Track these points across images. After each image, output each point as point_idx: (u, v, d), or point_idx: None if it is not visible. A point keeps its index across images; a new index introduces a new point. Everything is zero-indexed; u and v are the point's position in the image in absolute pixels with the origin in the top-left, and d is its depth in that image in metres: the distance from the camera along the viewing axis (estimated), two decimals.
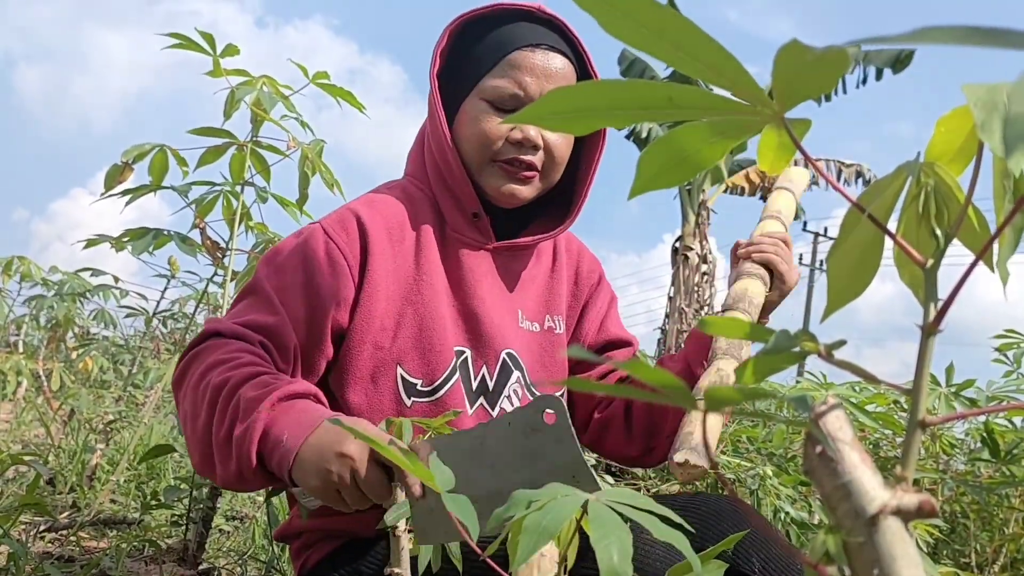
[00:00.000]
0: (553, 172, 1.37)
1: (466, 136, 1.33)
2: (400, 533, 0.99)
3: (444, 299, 1.32)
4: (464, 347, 1.32)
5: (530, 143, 1.31)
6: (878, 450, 2.36)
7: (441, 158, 1.35)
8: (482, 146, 1.32)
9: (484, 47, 1.33)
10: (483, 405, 1.33)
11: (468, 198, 1.35)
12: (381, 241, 1.28)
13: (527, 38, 1.32)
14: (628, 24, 0.41)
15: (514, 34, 1.32)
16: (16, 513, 1.65)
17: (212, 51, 2.04)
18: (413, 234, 1.33)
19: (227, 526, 2.54)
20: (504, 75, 1.31)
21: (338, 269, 1.25)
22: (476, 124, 1.32)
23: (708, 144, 0.48)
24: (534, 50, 1.31)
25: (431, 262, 1.32)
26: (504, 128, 1.31)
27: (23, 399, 4.19)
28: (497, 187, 1.33)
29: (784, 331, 0.46)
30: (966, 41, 0.33)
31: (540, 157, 1.33)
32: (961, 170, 0.53)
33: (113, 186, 2.12)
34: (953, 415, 0.45)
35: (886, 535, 0.38)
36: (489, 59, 1.32)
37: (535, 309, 1.43)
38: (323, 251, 1.25)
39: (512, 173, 1.33)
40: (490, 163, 1.33)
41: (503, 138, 1.31)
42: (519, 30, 1.33)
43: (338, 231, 1.27)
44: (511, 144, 1.32)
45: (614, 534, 0.59)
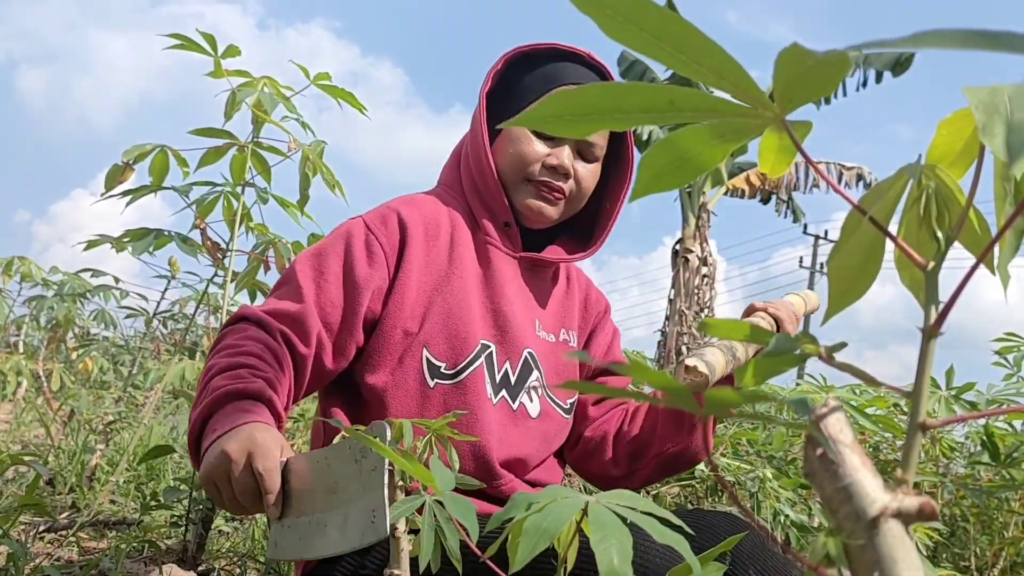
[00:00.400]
0: (578, 200, 1.48)
1: (505, 154, 1.44)
2: (400, 534, 0.99)
3: (474, 293, 1.40)
4: (490, 341, 1.39)
5: (563, 170, 1.43)
6: (878, 453, 2.36)
7: (478, 170, 1.45)
8: (519, 166, 1.43)
9: (534, 77, 1.46)
10: (505, 397, 1.40)
11: (501, 208, 1.45)
12: (418, 236, 1.37)
13: (573, 76, 1.44)
14: (628, 28, 0.41)
15: (564, 72, 1.45)
16: (16, 513, 1.65)
17: (213, 52, 2.04)
18: (448, 232, 1.41)
19: (227, 527, 2.54)
20: None
21: (376, 260, 1.34)
22: (517, 145, 1.43)
23: (709, 146, 0.48)
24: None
25: (464, 259, 1.40)
26: (542, 151, 1.43)
27: (23, 399, 4.19)
28: (527, 203, 1.44)
29: (784, 334, 0.46)
30: (966, 45, 0.33)
31: (570, 186, 1.45)
32: (962, 173, 0.53)
33: (113, 186, 2.12)
34: (953, 418, 0.45)
35: (887, 538, 0.38)
36: (537, 89, 1.44)
37: (551, 322, 1.51)
38: (363, 242, 1.34)
39: (543, 194, 1.43)
40: (523, 181, 1.44)
41: (540, 162, 1.43)
42: (569, 69, 1.46)
43: (379, 225, 1.37)
44: (546, 168, 1.43)
45: (614, 536, 0.59)
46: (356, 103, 2.15)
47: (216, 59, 2.05)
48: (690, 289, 12.36)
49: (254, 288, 2.32)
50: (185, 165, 2.15)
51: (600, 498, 0.65)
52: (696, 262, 12.47)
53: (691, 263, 12.47)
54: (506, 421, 1.38)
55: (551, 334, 1.49)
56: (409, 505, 0.88)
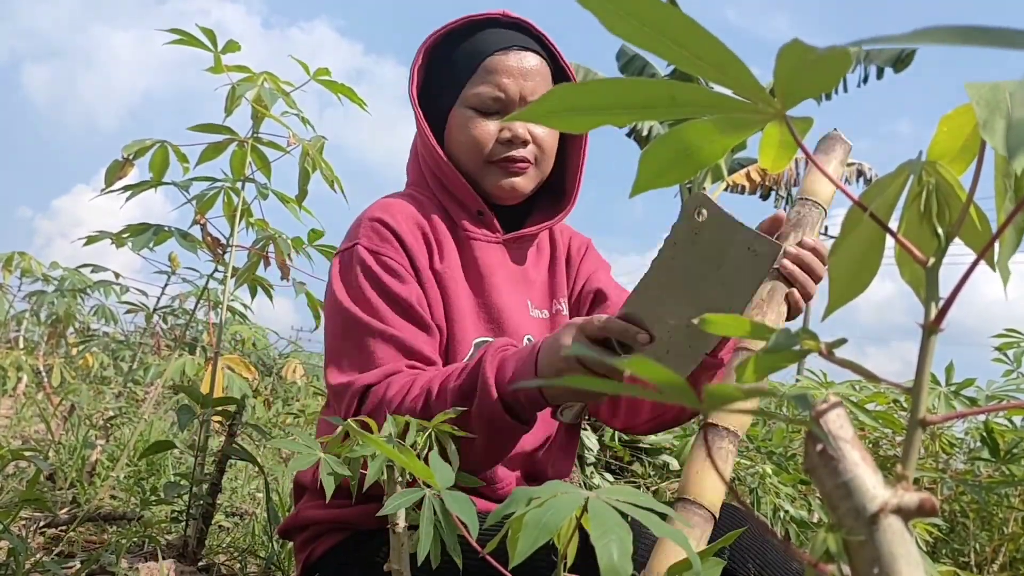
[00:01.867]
0: (544, 162, 1.43)
1: (458, 144, 1.41)
2: (399, 530, 0.99)
3: (463, 292, 1.37)
4: (488, 337, 1.37)
5: (519, 139, 1.38)
6: (878, 449, 2.36)
7: (436, 168, 1.42)
8: (475, 150, 1.39)
9: (459, 58, 1.41)
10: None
11: (470, 198, 1.41)
12: (411, 239, 1.34)
13: (498, 42, 1.40)
14: (630, 23, 0.41)
15: (485, 41, 1.40)
16: (16, 509, 1.65)
17: (213, 47, 2.04)
18: (430, 233, 1.38)
19: (227, 522, 2.55)
20: (483, 81, 1.38)
21: (402, 275, 1.31)
22: (465, 131, 1.39)
23: (709, 142, 0.48)
24: (507, 52, 1.39)
25: (450, 259, 1.38)
26: (492, 129, 1.38)
27: (23, 395, 4.19)
28: (497, 184, 1.40)
29: (785, 329, 0.46)
30: (967, 41, 0.33)
31: (531, 150, 1.40)
32: (963, 169, 0.53)
33: (113, 182, 2.11)
34: (953, 414, 0.45)
35: (886, 534, 0.39)
36: (466, 68, 1.40)
37: (542, 298, 1.49)
38: (384, 270, 1.31)
39: (508, 168, 1.39)
40: (486, 164, 1.40)
41: (493, 139, 1.38)
42: (489, 36, 1.41)
43: (379, 244, 1.33)
44: (501, 144, 1.39)
45: (614, 532, 0.59)
46: (356, 98, 2.15)
47: (216, 54, 2.05)
48: None
49: (254, 284, 2.32)
50: (185, 161, 2.15)
51: (600, 494, 0.65)
52: None
53: None
54: None
55: (544, 310, 1.47)
56: (408, 497, 0.88)
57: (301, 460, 1.01)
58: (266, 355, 7.52)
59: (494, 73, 1.37)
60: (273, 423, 4.73)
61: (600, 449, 2.94)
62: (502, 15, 1.42)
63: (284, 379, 5.93)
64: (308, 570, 1.35)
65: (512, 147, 1.38)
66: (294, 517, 1.39)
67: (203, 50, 2.04)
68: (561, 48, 1.46)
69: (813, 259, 1.13)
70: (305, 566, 1.36)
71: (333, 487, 0.99)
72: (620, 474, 2.92)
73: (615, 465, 2.96)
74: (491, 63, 1.38)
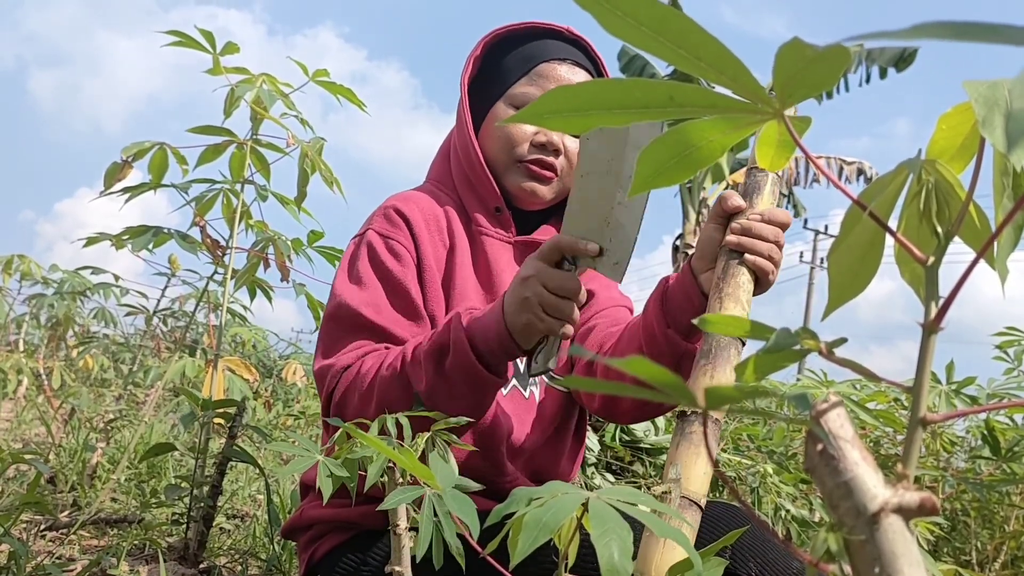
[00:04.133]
0: (570, 177, 1.44)
1: (492, 138, 1.43)
2: (401, 531, 0.99)
3: (473, 288, 1.39)
4: None
5: (552, 147, 1.40)
6: (879, 448, 2.36)
7: (465, 157, 1.44)
8: (507, 146, 1.41)
9: (515, 58, 1.44)
10: (516, 387, 1.41)
11: (490, 194, 1.43)
12: (422, 230, 1.37)
13: (555, 52, 1.43)
14: (628, 24, 0.41)
15: (544, 48, 1.44)
16: (17, 512, 1.65)
17: (212, 49, 2.04)
18: (445, 226, 1.41)
19: (228, 524, 2.55)
20: (532, 83, 1.42)
21: (405, 260, 1.34)
22: (503, 127, 1.41)
23: (708, 141, 0.48)
24: (561, 63, 1.43)
25: (462, 252, 1.40)
26: (529, 131, 1.41)
27: (24, 398, 4.19)
28: (519, 185, 1.42)
29: (785, 329, 0.46)
30: (965, 37, 0.33)
31: (562, 162, 1.42)
32: (962, 167, 0.53)
33: (112, 184, 2.11)
34: (954, 413, 0.45)
35: (887, 533, 0.38)
36: (519, 69, 1.43)
37: None
38: (387, 251, 1.34)
39: (534, 173, 1.41)
40: (514, 163, 1.42)
41: (528, 141, 1.41)
42: (549, 45, 1.44)
43: (389, 228, 1.36)
44: (535, 147, 1.41)
45: (615, 531, 0.59)
46: (354, 99, 2.15)
47: (214, 56, 2.05)
48: None
49: (254, 285, 2.32)
50: (184, 163, 2.15)
51: (600, 494, 0.65)
52: None
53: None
54: (519, 411, 1.39)
55: None
56: (408, 494, 0.88)
57: (300, 463, 1.01)
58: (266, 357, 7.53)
59: (544, 78, 1.41)
60: (274, 425, 4.74)
61: (601, 449, 2.94)
62: (566, 30, 1.46)
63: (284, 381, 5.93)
64: (311, 570, 1.36)
65: (544, 152, 1.40)
66: (298, 516, 1.40)
67: (203, 52, 2.04)
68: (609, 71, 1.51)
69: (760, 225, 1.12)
70: (308, 566, 1.36)
71: (331, 490, 0.99)
72: (621, 474, 2.92)
73: (616, 465, 2.96)
74: (544, 69, 1.41)
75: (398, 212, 1.37)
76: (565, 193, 1.46)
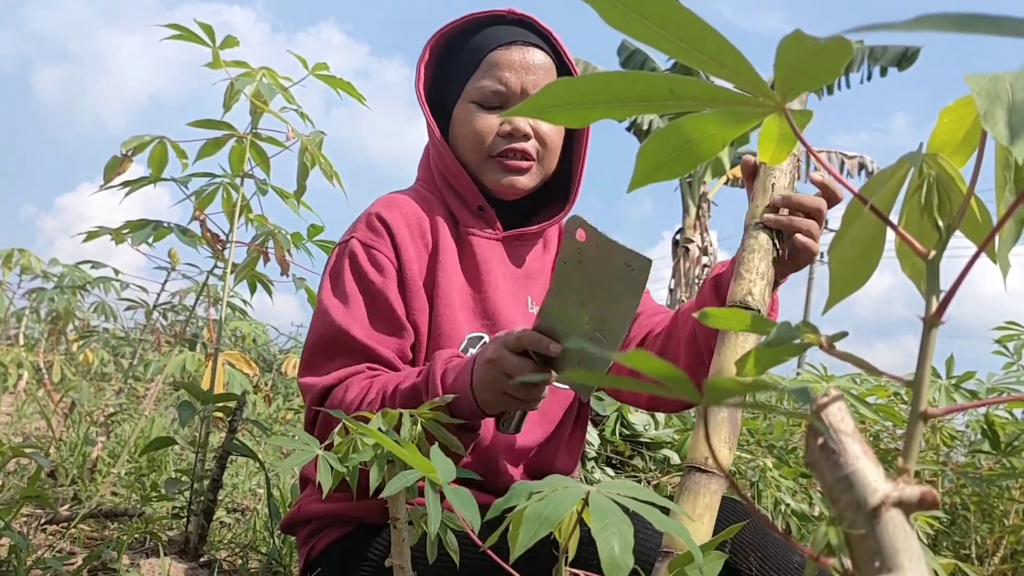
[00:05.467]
0: (548, 159, 1.43)
1: (460, 138, 1.41)
2: (400, 525, 0.99)
3: (459, 288, 1.38)
4: (483, 332, 1.39)
5: (520, 133, 1.38)
6: (879, 442, 2.36)
7: (440, 162, 1.43)
8: (476, 144, 1.40)
9: (464, 54, 1.42)
10: None
11: (471, 193, 1.42)
12: (404, 237, 1.36)
13: (502, 38, 1.40)
14: (629, 17, 0.41)
15: (489, 36, 1.41)
16: (17, 505, 1.65)
17: (211, 43, 2.03)
18: (429, 228, 1.40)
19: (228, 518, 2.55)
20: (485, 75, 1.39)
21: (387, 271, 1.34)
22: (467, 125, 1.40)
23: (708, 135, 0.48)
24: (510, 47, 1.40)
25: (447, 253, 1.39)
26: (493, 123, 1.39)
27: (24, 392, 4.19)
28: (497, 180, 1.40)
29: (785, 323, 0.46)
30: (967, 28, 0.33)
31: (533, 145, 1.40)
32: (963, 161, 0.53)
33: (112, 178, 2.11)
34: (954, 407, 0.45)
35: (888, 527, 0.38)
36: (470, 64, 1.41)
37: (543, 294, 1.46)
38: (369, 263, 1.34)
39: (508, 165, 1.39)
40: (487, 159, 1.40)
41: (493, 133, 1.39)
42: (494, 32, 1.42)
43: (372, 238, 1.36)
44: (502, 137, 1.39)
45: (615, 525, 0.59)
46: (355, 93, 2.14)
47: (214, 50, 2.04)
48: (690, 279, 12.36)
49: (254, 279, 2.31)
50: (184, 157, 2.15)
51: (601, 488, 0.65)
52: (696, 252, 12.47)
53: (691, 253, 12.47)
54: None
55: None
56: (407, 478, 0.88)
57: (300, 456, 1.01)
58: (266, 351, 7.53)
59: (496, 67, 1.38)
60: (273, 419, 4.74)
61: (601, 444, 2.94)
62: (508, 12, 1.43)
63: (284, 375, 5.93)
64: (310, 564, 1.36)
65: (513, 140, 1.38)
66: (297, 511, 1.40)
67: (202, 46, 2.04)
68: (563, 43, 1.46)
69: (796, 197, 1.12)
70: (307, 560, 1.37)
71: (330, 484, 0.99)
72: (621, 469, 2.93)
73: (616, 460, 2.96)
74: (493, 57, 1.39)
75: (380, 220, 1.36)
76: (546, 175, 1.45)
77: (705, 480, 0.96)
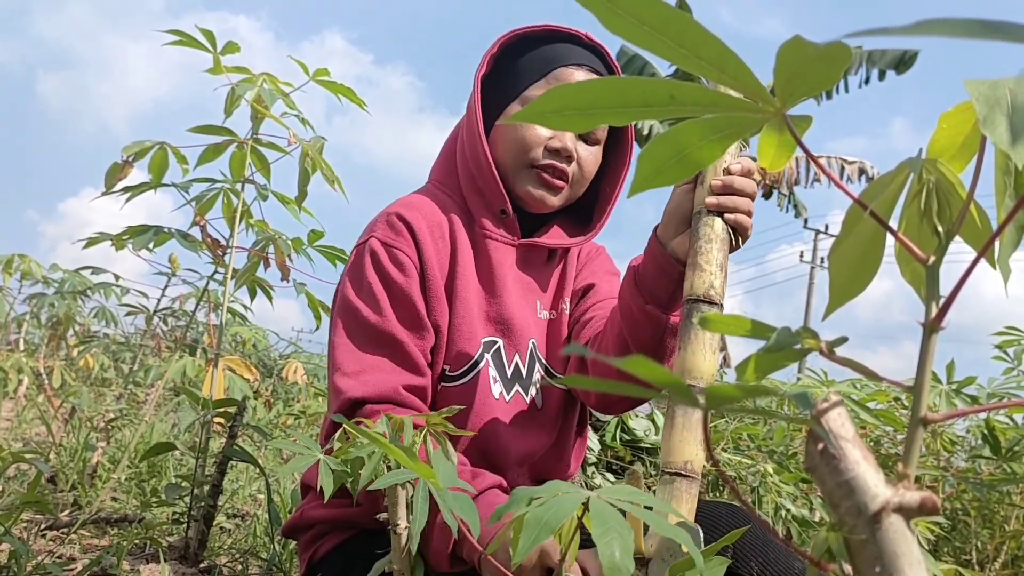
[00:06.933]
0: (579, 185, 1.44)
1: (505, 140, 1.40)
2: (401, 530, 0.99)
3: (474, 292, 1.39)
4: (496, 337, 1.39)
5: (566, 152, 1.38)
6: (879, 447, 2.36)
7: (473, 157, 1.41)
8: (520, 149, 1.39)
9: (532, 60, 1.42)
10: (519, 391, 1.40)
11: (496, 196, 1.40)
12: (425, 237, 1.36)
13: (573, 57, 1.41)
14: (629, 22, 0.41)
15: (562, 52, 1.41)
16: (17, 511, 1.65)
17: (212, 48, 2.04)
18: (447, 231, 1.39)
19: (228, 524, 2.54)
20: (548, 86, 1.39)
21: (408, 271, 1.33)
22: (517, 129, 1.39)
23: (709, 141, 0.48)
24: (578, 68, 1.40)
25: (464, 257, 1.39)
26: (543, 135, 1.38)
27: (24, 397, 4.19)
28: (529, 191, 1.40)
29: (786, 328, 0.46)
30: (968, 34, 0.33)
31: (573, 169, 1.40)
32: (963, 167, 0.53)
33: (113, 184, 2.11)
34: (954, 412, 0.45)
35: (888, 532, 0.38)
36: (536, 71, 1.41)
37: (550, 300, 1.50)
38: (391, 262, 1.33)
39: (545, 180, 1.39)
40: (525, 167, 1.39)
41: (542, 145, 1.38)
42: (566, 50, 1.42)
43: (393, 237, 1.35)
44: (549, 151, 1.38)
45: (616, 531, 0.59)
46: (355, 98, 2.15)
47: (215, 55, 2.05)
48: None
49: (254, 285, 2.31)
50: (184, 162, 2.15)
51: (601, 493, 0.65)
52: None
53: None
54: (522, 416, 1.39)
55: (552, 311, 1.49)
56: (400, 476, 0.88)
57: (300, 461, 1.01)
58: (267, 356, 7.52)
59: (560, 83, 1.35)
60: (274, 424, 4.73)
61: (601, 449, 2.94)
62: (585, 36, 1.44)
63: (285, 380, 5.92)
64: (312, 569, 1.36)
65: (557, 157, 1.38)
66: (298, 517, 1.40)
67: (204, 52, 2.04)
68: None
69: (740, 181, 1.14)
70: (309, 565, 1.36)
71: (332, 488, 0.99)
72: (621, 474, 2.92)
73: (616, 465, 2.96)
74: (561, 73, 1.39)
75: (401, 219, 1.35)
76: (572, 199, 1.45)
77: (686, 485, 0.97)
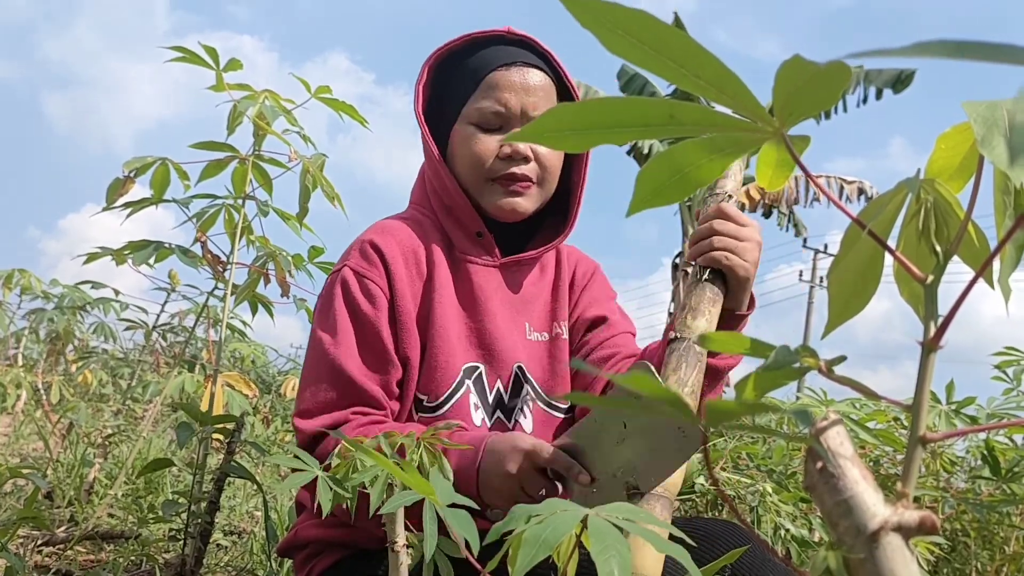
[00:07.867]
0: (547, 182, 1.41)
1: (460, 161, 1.39)
2: (399, 548, 0.99)
3: (454, 317, 1.36)
4: (478, 363, 1.37)
5: (520, 155, 1.36)
6: (878, 467, 2.35)
7: (439, 185, 1.41)
8: (476, 166, 1.37)
9: (462, 75, 1.40)
10: (500, 418, 1.37)
11: (470, 218, 1.40)
12: (399, 266, 1.34)
13: (501, 58, 1.38)
14: (629, 42, 0.41)
15: (488, 57, 1.39)
16: (14, 527, 1.65)
17: (215, 65, 2.05)
18: (424, 256, 1.37)
19: (225, 541, 2.53)
20: (485, 96, 1.37)
21: (378, 303, 1.32)
22: (466, 147, 1.37)
23: (707, 160, 0.48)
24: (509, 68, 1.38)
25: (442, 282, 1.36)
26: (493, 145, 1.36)
27: (22, 412, 4.18)
28: (497, 203, 1.38)
29: (784, 347, 0.46)
30: (966, 55, 0.33)
31: (533, 168, 1.38)
32: (961, 187, 0.54)
33: (115, 199, 2.12)
34: (954, 432, 0.45)
35: (887, 552, 0.38)
36: (469, 85, 1.39)
37: (542, 320, 1.46)
38: (361, 292, 1.32)
39: (508, 188, 1.37)
40: (487, 182, 1.38)
41: (494, 155, 1.36)
42: (492, 53, 1.39)
43: (365, 267, 1.33)
44: (502, 160, 1.37)
45: (614, 548, 0.59)
46: (356, 115, 2.16)
47: (218, 72, 2.06)
48: None
49: (254, 301, 2.31)
50: (186, 178, 2.15)
51: (600, 511, 0.64)
52: None
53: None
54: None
55: (543, 332, 1.45)
56: (405, 497, 0.87)
57: (298, 478, 1.00)
58: (265, 372, 7.52)
59: (496, 88, 1.36)
60: (272, 441, 4.72)
61: None
62: (506, 32, 1.41)
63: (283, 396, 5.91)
64: None
65: (513, 163, 1.36)
66: (293, 535, 1.39)
67: (206, 68, 2.05)
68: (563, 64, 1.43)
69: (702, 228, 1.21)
70: None
71: (330, 507, 0.98)
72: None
73: None
74: (493, 78, 1.37)
75: (374, 247, 1.34)
76: (546, 198, 1.43)
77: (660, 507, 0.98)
